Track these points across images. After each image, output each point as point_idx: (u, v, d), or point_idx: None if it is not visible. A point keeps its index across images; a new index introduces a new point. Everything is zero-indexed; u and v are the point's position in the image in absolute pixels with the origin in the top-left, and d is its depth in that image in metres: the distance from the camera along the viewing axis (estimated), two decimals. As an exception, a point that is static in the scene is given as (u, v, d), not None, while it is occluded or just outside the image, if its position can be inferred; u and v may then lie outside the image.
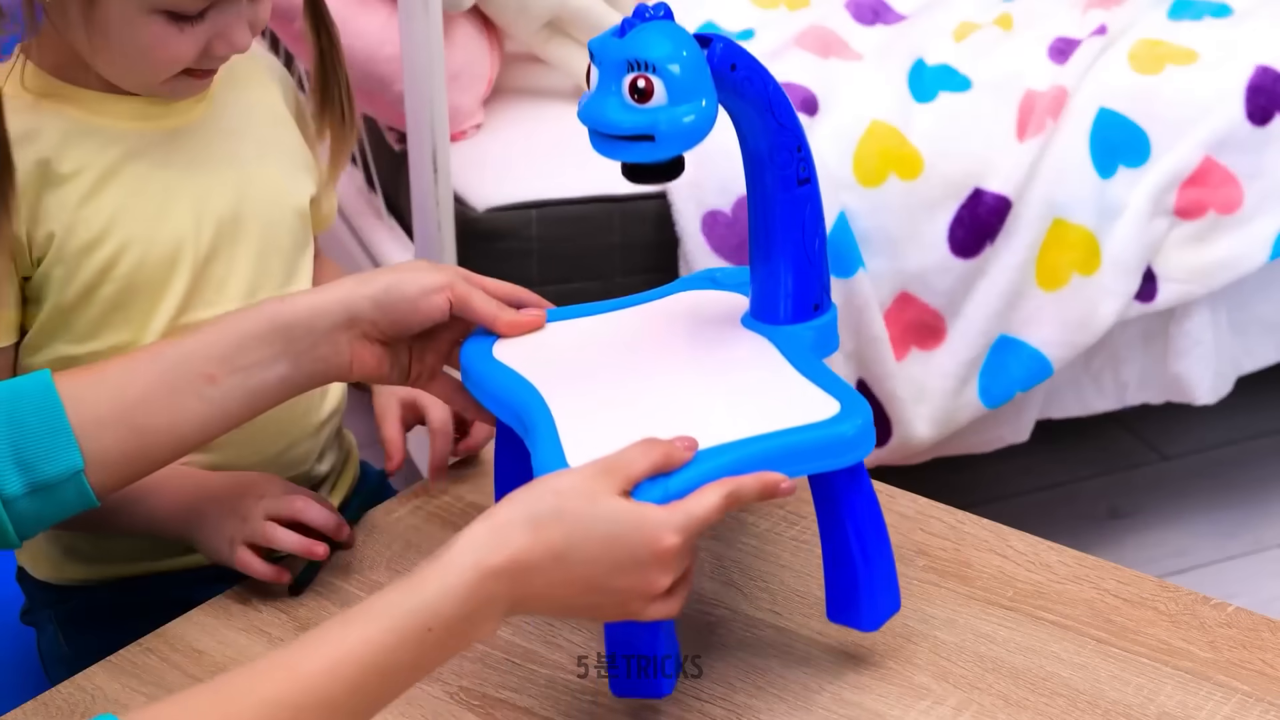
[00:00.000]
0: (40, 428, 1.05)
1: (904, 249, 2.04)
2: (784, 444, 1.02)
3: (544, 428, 1.04)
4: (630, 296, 1.21)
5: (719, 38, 1.04)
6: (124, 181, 1.22)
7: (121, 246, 1.21)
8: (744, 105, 1.06)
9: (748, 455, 1.01)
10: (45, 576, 1.33)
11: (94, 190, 1.21)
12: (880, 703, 1.07)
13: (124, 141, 1.22)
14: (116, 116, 1.22)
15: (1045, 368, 2.10)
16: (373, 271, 1.15)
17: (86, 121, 1.21)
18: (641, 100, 1.01)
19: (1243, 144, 2.12)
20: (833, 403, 1.05)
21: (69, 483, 1.05)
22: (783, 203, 1.10)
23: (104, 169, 1.21)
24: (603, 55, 1.02)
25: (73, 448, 1.05)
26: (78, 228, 1.20)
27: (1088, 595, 1.16)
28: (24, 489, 1.04)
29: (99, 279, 1.21)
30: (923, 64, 2.17)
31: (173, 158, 1.24)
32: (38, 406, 1.05)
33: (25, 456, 1.04)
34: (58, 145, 1.20)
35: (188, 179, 1.24)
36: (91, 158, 1.21)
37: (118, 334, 1.22)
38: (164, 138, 1.24)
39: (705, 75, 1.02)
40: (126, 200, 1.21)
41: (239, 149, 1.28)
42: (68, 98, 1.21)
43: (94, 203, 1.20)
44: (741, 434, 1.02)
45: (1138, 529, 2.39)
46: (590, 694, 1.09)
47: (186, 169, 1.24)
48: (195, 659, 1.13)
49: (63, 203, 1.20)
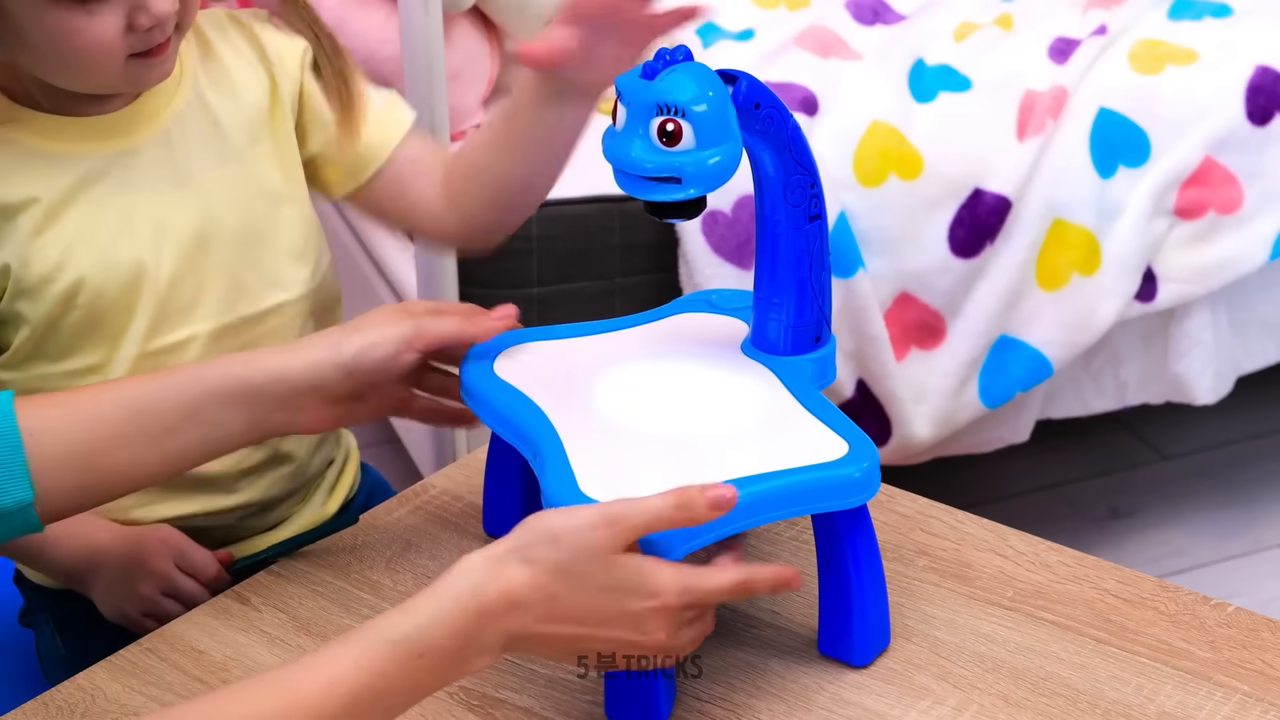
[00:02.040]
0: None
1: (904, 249, 2.04)
2: (792, 483, 1.03)
3: (555, 456, 1.05)
4: (628, 317, 1.22)
5: (744, 75, 1.06)
6: (79, 209, 1.19)
7: (80, 276, 1.19)
8: (764, 142, 1.08)
9: (757, 493, 1.02)
10: (43, 581, 1.33)
11: (47, 220, 1.18)
12: (880, 703, 1.07)
13: (78, 166, 1.19)
14: (70, 139, 1.19)
15: (1045, 368, 2.10)
16: (338, 333, 1.15)
17: (38, 148, 1.18)
18: (670, 143, 1.03)
19: (1243, 144, 2.12)
20: (841, 443, 1.06)
21: (16, 514, 1.05)
22: (793, 238, 1.12)
23: (57, 198, 1.18)
24: (631, 96, 1.04)
25: (24, 481, 1.04)
26: (32, 260, 1.18)
27: (1088, 595, 1.16)
28: None
29: (63, 308, 1.19)
30: (923, 64, 2.17)
31: (131, 179, 1.21)
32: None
33: None
34: (7, 175, 1.17)
35: (146, 200, 1.21)
36: (43, 187, 1.18)
37: (90, 355, 1.21)
38: (121, 159, 1.21)
39: (731, 119, 1.04)
40: (81, 228, 1.19)
41: (208, 160, 1.24)
42: (20, 122, 1.19)
43: (48, 233, 1.18)
44: (751, 470, 1.03)
45: (1138, 529, 2.39)
46: (590, 694, 1.09)
47: (144, 190, 1.21)
48: (195, 659, 1.13)
49: (15, 235, 1.17)
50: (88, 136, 1.20)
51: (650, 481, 1.01)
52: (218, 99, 1.26)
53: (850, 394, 2.07)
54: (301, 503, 1.35)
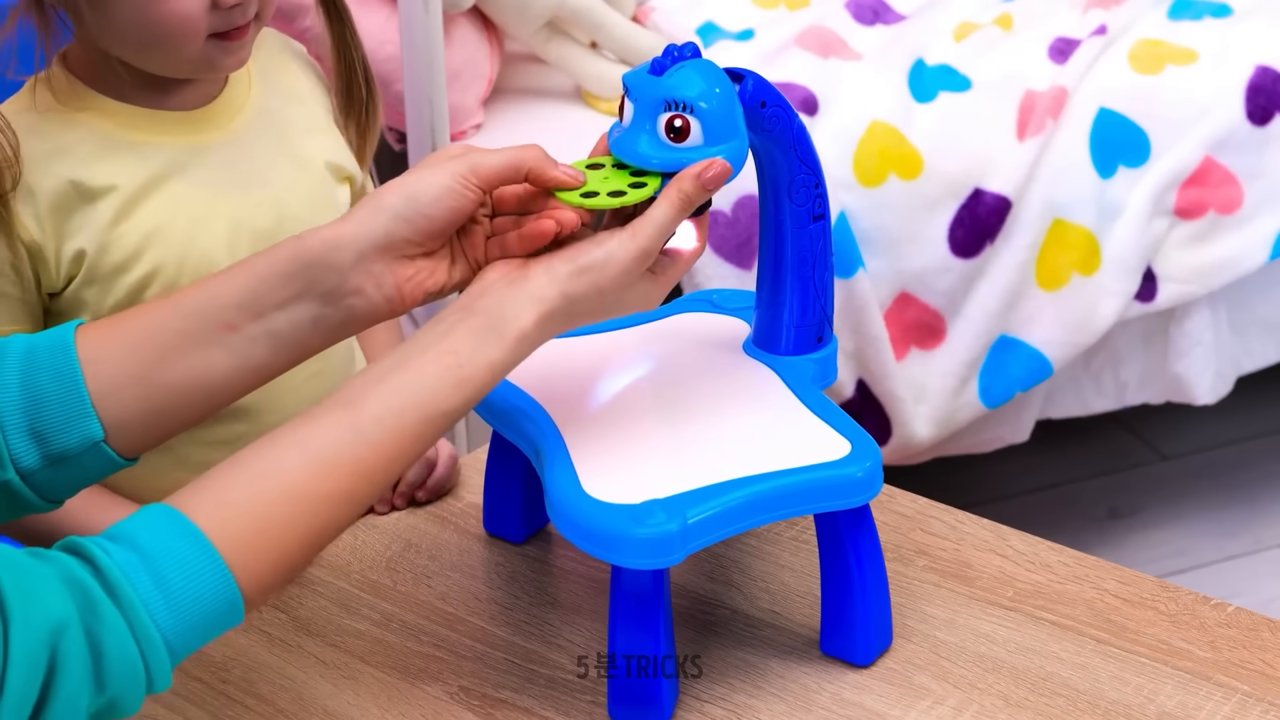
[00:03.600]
0: (57, 396, 0.98)
1: (904, 249, 2.05)
2: (795, 482, 1.03)
3: (557, 455, 1.05)
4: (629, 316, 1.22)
5: (750, 74, 1.06)
6: (158, 200, 1.20)
7: (155, 268, 1.20)
8: (769, 141, 1.08)
9: (760, 492, 1.02)
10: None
11: (126, 209, 1.19)
12: (880, 703, 1.07)
13: (159, 158, 1.20)
14: (152, 131, 1.21)
15: (1045, 368, 2.10)
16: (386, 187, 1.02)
17: (120, 136, 1.20)
18: (677, 139, 1.03)
19: (1243, 144, 2.12)
20: (843, 443, 1.06)
21: (89, 453, 0.99)
22: (797, 238, 1.12)
23: (138, 187, 1.19)
24: (639, 91, 1.04)
25: (90, 418, 0.99)
26: (110, 248, 1.19)
27: (1088, 595, 1.16)
28: (41, 461, 0.99)
29: (130, 299, 1.20)
30: (923, 64, 2.17)
31: (207, 177, 1.22)
32: (56, 373, 0.99)
33: (40, 427, 0.98)
34: (89, 160, 1.18)
35: (223, 198, 1.22)
36: (125, 175, 1.19)
37: None
38: (197, 155, 1.22)
39: (739, 116, 1.04)
40: (160, 220, 1.20)
41: (279, 162, 1.26)
42: (103, 110, 1.20)
43: (127, 222, 1.19)
44: (755, 469, 1.03)
45: (1138, 529, 2.39)
46: (590, 694, 1.09)
47: (221, 188, 1.22)
48: (195, 659, 1.13)
49: (94, 221, 1.18)
50: (164, 129, 1.21)
51: (652, 480, 1.02)
52: (283, 106, 1.29)
53: (850, 394, 2.07)
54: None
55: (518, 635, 1.14)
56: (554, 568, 1.20)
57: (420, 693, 1.09)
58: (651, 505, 1.00)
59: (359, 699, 1.08)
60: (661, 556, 0.99)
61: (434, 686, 1.09)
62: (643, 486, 1.01)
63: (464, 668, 1.11)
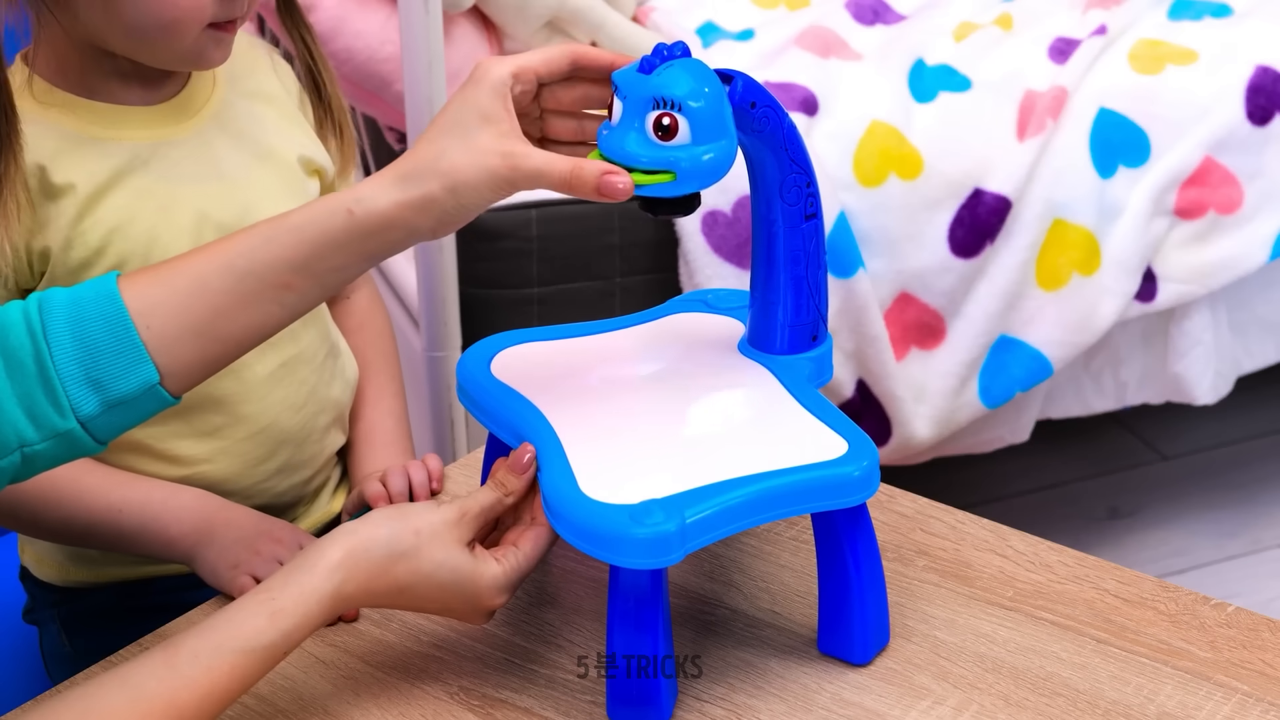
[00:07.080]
0: (110, 345, 1.02)
1: (904, 249, 2.04)
2: (792, 482, 1.03)
3: (553, 457, 1.06)
4: (623, 317, 1.23)
5: (740, 75, 1.06)
6: (121, 195, 1.20)
7: (119, 262, 1.20)
8: (760, 141, 1.08)
9: (756, 492, 1.02)
10: (49, 578, 1.33)
11: (89, 205, 1.19)
12: (880, 703, 1.07)
13: (120, 153, 1.21)
14: (116, 126, 1.21)
15: (1045, 368, 2.10)
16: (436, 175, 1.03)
17: (83, 132, 1.20)
18: (665, 137, 1.03)
19: (1243, 144, 2.12)
20: (840, 442, 1.06)
21: (146, 395, 1.03)
22: (789, 237, 1.12)
23: (100, 183, 1.19)
24: (628, 90, 1.04)
25: (146, 363, 1.02)
26: (74, 243, 1.19)
27: (1088, 595, 1.16)
28: (100, 408, 1.02)
29: None
30: (923, 64, 2.17)
31: (171, 170, 1.22)
32: (107, 321, 1.02)
33: (97, 375, 1.01)
34: (52, 157, 1.18)
35: (187, 191, 1.23)
36: (86, 172, 1.19)
37: None
38: (160, 149, 1.22)
39: (727, 115, 1.04)
40: (122, 215, 1.20)
41: (245, 155, 1.26)
42: (67, 107, 1.20)
43: (90, 218, 1.19)
44: (752, 469, 1.03)
45: (1138, 529, 2.40)
46: (590, 694, 1.09)
47: (185, 181, 1.23)
48: (195, 659, 1.13)
49: (57, 217, 1.18)
50: (130, 124, 1.21)
51: (650, 480, 1.02)
52: (249, 103, 1.29)
53: (850, 394, 2.07)
54: (309, 504, 1.36)
55: (518, 635, 1.14)
56: (553, 568, 1.20)
57: (420, 692, 1.09)
58: (649, 505, 1.00)
59: (359, 699, 1.08)
60: (659, 556, 0.99)
61: (434, 686, 1.09)
62: (640, 486, 1.01)
63: (464, 668, 1.11)
